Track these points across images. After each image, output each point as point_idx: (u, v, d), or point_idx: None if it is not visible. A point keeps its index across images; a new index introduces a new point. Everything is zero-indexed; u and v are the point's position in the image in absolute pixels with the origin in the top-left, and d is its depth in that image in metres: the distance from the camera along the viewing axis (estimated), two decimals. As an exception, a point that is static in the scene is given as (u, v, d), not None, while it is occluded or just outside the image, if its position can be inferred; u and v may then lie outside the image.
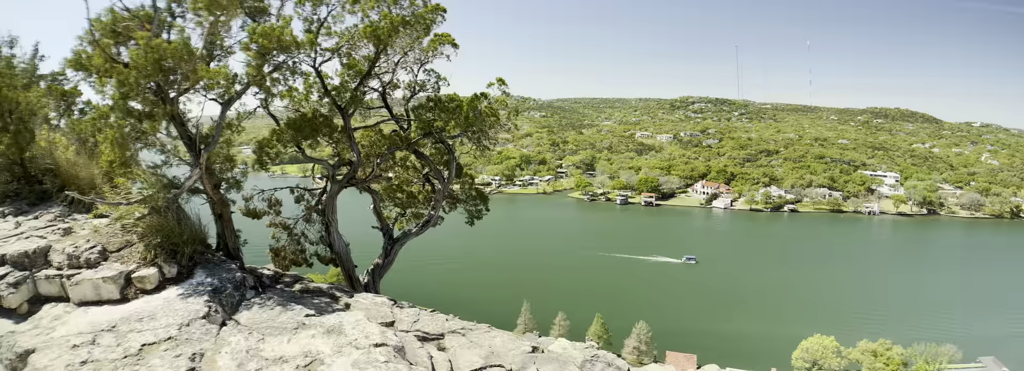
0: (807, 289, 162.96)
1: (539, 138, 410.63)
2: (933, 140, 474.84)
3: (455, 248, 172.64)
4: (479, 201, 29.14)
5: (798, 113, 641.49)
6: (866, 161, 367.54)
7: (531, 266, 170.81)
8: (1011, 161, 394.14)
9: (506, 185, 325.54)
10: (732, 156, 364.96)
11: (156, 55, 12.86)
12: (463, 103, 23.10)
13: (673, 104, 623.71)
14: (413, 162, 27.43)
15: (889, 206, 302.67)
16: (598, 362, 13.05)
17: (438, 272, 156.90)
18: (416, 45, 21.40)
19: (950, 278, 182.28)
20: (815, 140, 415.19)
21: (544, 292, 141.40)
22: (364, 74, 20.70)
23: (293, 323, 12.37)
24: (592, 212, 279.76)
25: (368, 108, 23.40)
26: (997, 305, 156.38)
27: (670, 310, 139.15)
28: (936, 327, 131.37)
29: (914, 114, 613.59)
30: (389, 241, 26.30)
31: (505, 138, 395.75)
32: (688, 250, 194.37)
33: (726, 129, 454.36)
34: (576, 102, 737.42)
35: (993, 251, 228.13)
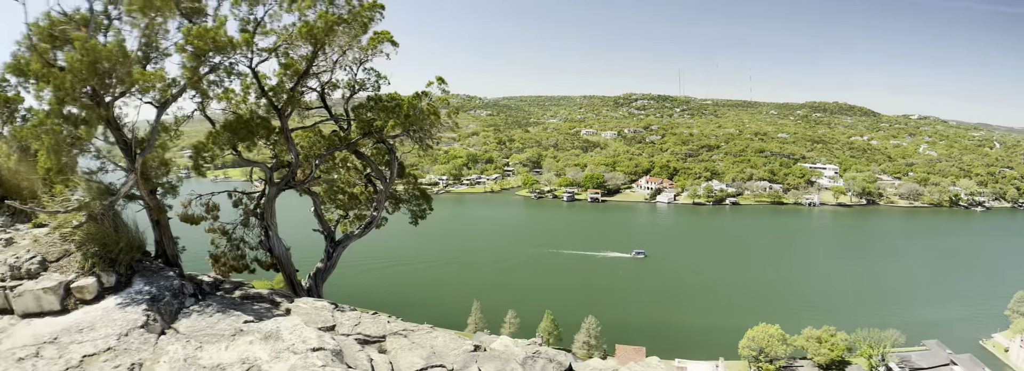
0: (752, 280, 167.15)
1: (485, 137, 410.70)
2: (871, 133, 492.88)
3: (404, 249, 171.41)
4: (422, 201, 28.86)
5: (738, 108, 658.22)
6: (805, 154, 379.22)
7: (481, 265, 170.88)
8: (949, 152, 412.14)
9: (453, 184, 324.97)
10: (675, 152, 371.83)
11: (91, 58, 12.61)
12: (403, 102, 22.94)
13: (617, 101, 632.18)
14: (354, 163, 27.09)
15: (829, 197, 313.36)
16: (540, 358, 13.27)
17: (388, 274, 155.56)
18: (355, 44, 21.21)
19: (891, 265, 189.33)
20: (755, 135, 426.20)
21: (494, 291, 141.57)
22: (301, 74, 20.46)
23: (231, 330, 12.33)
24: (539, 210, 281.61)
25: (307, 108, 23.12)
26: (939, 290, 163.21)
27: (620, 304, 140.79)
28: (879, 313, 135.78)
29: (852, 108, 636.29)
30: (331, 244, 25.91)
31: (451, 137, 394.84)
32: (637, 244, 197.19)
33: (668, 125, 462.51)
34: (522, 100, 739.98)
35: (932, 239, 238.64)
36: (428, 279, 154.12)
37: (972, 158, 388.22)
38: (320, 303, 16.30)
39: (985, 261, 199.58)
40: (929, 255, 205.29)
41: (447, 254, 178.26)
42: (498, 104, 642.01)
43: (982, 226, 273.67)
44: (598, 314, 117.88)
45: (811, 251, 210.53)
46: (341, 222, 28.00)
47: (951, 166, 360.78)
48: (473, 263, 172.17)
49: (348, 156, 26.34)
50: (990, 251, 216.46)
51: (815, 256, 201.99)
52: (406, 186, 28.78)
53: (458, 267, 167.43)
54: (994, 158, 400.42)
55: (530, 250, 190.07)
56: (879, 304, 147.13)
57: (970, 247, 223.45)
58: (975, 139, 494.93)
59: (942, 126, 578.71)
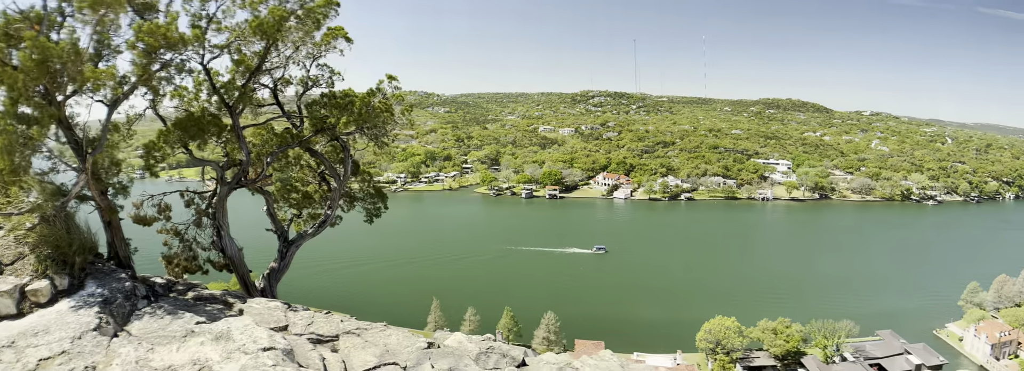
0: (708, 273, 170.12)
1: (444, 134, 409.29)
2: (824, 129, 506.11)
3: (363, 249, 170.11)
4: (378, 198, 28.64)
5: (693, 105, 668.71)
6: (759, 150, 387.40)
7: (441, 264, 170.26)
8: (901, 147, 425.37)
9: (411, 182, 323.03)
10: (631, 148, 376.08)
11: (42, 56, 12.42)
12: (356, 99, 22.86)
13: (574, 98, 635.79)
14: (307, 160, 26.77)
15: (782, 192, 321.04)
16: (493, 353, 13.47)
17: (347, 274, 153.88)
18: (308, 39, 21.09)
19: (844, 258, 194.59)
20: (710, 131, 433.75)
21: (455, 289, 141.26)
22: (253, 70, 20.27)
23: (182, 331, 12.33)
24: (499, 207, 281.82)
25: (259, 105, 22.86)
26: (892, 282, 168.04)
27: (580, 299, 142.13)
28: (833, 305, 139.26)
29: (805, 104, 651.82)
30: (284, 244, 25.63)
31: (409, 134, 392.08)
32: (597, 240, 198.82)
33: (625, 122, 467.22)
34: (480, 97, 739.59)
35: (885, 232, 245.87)
36: (388, 278, 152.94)
37: (924, 153, 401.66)
38: (273, 303, 16.25)
39: (937, 253, 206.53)
40: (882, 248, 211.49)
41: (406, 253, 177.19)
42: (456, 101, 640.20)
43: (934, 219, 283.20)
44: (558, 310, 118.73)
45: (765, 245, 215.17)
46: (294, 221, 27.63)
47: (903, 161, 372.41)
48: (433, 262, 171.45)
49: (301, 154, 26.05)
50: (942, 244, 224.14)
51: (769, 250, 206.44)
52: (361, 184, 28.50)
53: (418, 266, 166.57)
54: (946, 153, 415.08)
55: (491, 247, 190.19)
56: (833, 296, 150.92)
57: (922, 240, 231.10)
58: (927, 135, 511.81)
59: (894, 122, 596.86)
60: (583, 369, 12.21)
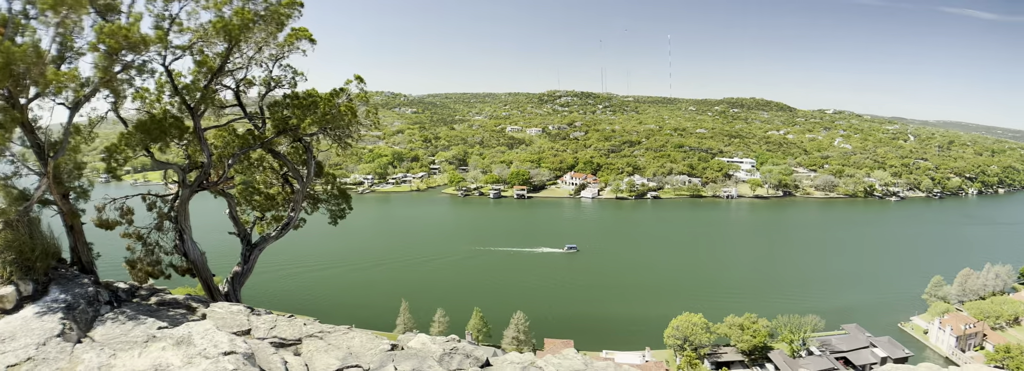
0: (676, 271, 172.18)
1: (411, 134, 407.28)
2: (788, 127, 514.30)
3: (333, 252, 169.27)
4: (342, 200, 28.39)
5: (659, 105, 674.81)
6: (723, 149, 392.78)
7: (411, 265, 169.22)
8: (864, 145, 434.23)
9: (379, 184, 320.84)
10: (598, 147, 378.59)
11: (6, 59, 12.30)
12: (320, 100, 22.75)
13: (541, 98, 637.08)
14: (270, 162, 26.49)
15: (746, 190, 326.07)
16: (457, 354, 13.61)
17: (316, 278, 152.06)
18: (271, 40, 20.98)
19: (809, 254, 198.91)
20: (675, 130, 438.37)
21: (424, 291, 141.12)
22: (215, 71, 20.13)
23: (144, 336, 12.33)
24: (467, 207, 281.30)
25: (221, 107, 22.65)
26: (856, 277, 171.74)
27: (550, 298, 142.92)
28: (799, 300, 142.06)
29: (769, 103, 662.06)
30: (247, 247, 25.34)
31: (376, 135, 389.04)
32: (568, 240, 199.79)
33: (591, 122, 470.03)
34: (447, 97, 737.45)
35: (849, 228, 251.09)
36: (357, 281, 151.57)
37: (887, 150, 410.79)
38: (235, 307, 16.22)
39: (901, 248, 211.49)
40: (846, 244, 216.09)
41: (375, 256, 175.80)
42: (423, 101, 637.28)
43: (897, 215, 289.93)
44: (529, 309, 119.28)
45: (731, 242, 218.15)
46: (258, 224, 27.31)
47: (866, 158, 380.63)
48: (403, 264, 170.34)
49: (264, 155, 25.80)
50: (906, 239, 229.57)
51: (735, 247, 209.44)
52: (324, 185, 28.28)
53: (387, 268, 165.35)
54: (908, 150, 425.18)
55: (462, 248, 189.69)
56: (799, 291, 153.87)
57: (886, 235, 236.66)
58: (890, 132, 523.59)
59: (857, 120, 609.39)
60: (547, 368, 12.45)
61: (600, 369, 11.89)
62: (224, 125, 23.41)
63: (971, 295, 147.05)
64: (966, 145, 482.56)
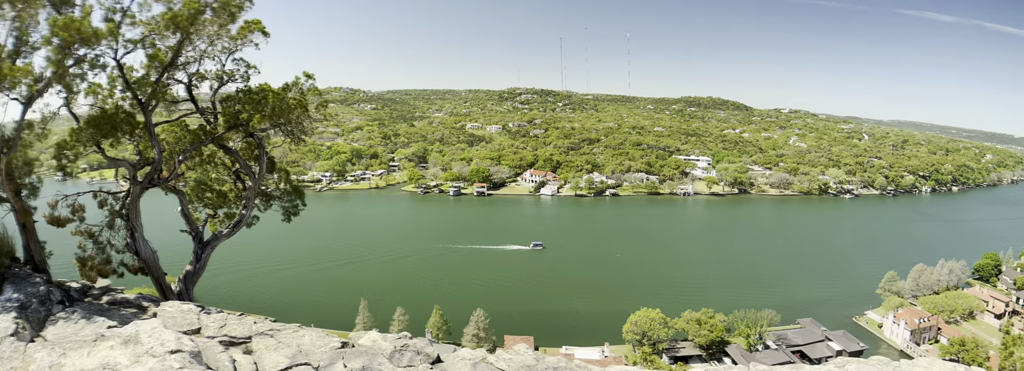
0: (635, 267, 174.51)
1: (370, 131, 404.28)
2: (744, 126, 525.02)
3: (293, 252, 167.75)
4: (295, 196, 27.82)
5: (618, 103, 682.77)
6: (680, 147, 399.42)
7: (372, 264, 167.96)
8: (819, 143, 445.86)
9: (337, 181, 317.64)
10: (558, 145, 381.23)
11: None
12: (270, 94, 22.39)
13: (501, 95, 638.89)
14: (222, 158, 25.97)
15: (703, 187, 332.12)
16: (407, 351, 13.55)
17: (278, 278, 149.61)
18: (224, 33, 20.63)
19: (765, 250, 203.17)
20: (633, 128, 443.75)
21: (387, 289, 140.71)
22: (167, 64, 19.70)
23: (93, 335, 12.26)
24: (427, 205, 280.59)
25: (173, 102, 22.26)
26: (811, 272, 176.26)
27: (513, 296, 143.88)
28: (755, 295, 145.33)
29: (726, 102, 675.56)
30: (199, 245, 24.75)
31: (334, 132, 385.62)
32: (531, 236, 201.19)
33: (551, 119, 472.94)
34: (407, 94, 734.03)
35: (804, 224, 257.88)
36: (318, 281, 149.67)
37: (841, 149, 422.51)
38: (186, 306, 16.00)
39: (855, 245, 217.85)
40: (800, 240, 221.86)
41: (337, 255, 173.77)
42: (382, 98, 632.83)
43: (851, 212, 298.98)
44: (491, 306, 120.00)
45: (688, 238, 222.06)
46: (210, 222, 26.75)
47: (820, 156, 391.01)
48: (364, 262, 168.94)
49: (216, 151, 25.32)
50: (860, 235, 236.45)
51: (692, 243, 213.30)
52: (277, 182, 27.78)
53: (348, 267, 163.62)
54: (863, 149, 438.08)
55: (426, 246, 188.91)
56: (755, 286, 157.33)
57: (840, 232, 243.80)
58: (845, 131, 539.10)
59: (812, 119, 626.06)
60: (498, 363, 12.47)
61: (552, 364, 11.94)
62: (175, 120, 22.96)
63: (925, 290, 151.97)
64: (920, 144, 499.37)
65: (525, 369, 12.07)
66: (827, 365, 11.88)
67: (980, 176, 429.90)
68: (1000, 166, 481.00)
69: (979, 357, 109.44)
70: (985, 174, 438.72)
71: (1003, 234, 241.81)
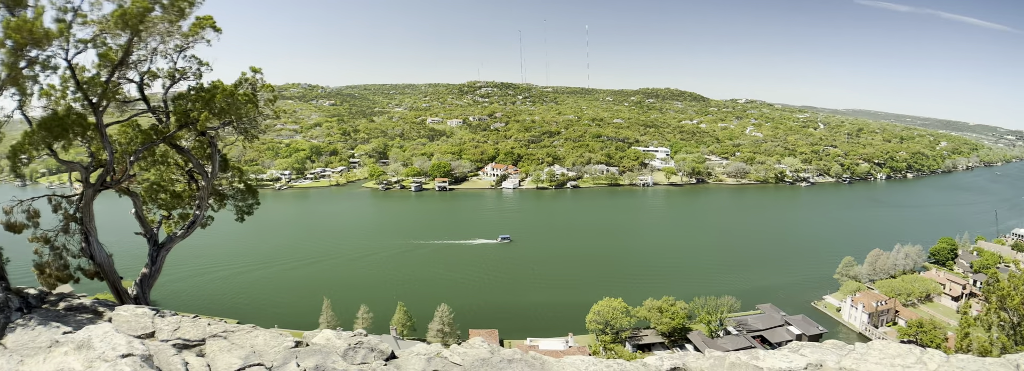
0: (596, 257, 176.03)
1: (329, 127, 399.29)
2: (701, 116, 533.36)
3: (255, 252, 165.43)
4: (248, 195, 27.54)
5: (577, 95, 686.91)
6: (639, 138, 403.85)
7: (336, 262, 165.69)
8: (774, 133, 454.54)
9: (297, 179, 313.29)
10: (518, 138, 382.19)
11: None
12: (218, 90, 22.17)
13: (461, 89, 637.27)
14: (175, 158, 25.52)
15: (661, 178, 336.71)
16: (361, 348, 13.69)
17: (241, 279, 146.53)
18: (175, 30, 20.34)
19: (724, 238, 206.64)
20: (593, 120, 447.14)
21: (351, 287, 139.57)
22: (117, 63, 19.42)
23: (49, 342, 12.30)
24: (390, 201, 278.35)
25: (125, 101, 21.82)
26: (770, 259, 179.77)
27: (478, 289, 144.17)
28: (715, 282, 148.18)
29: (683, 93, 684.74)
30: (154, 247, 24.24)
31: (293, 129, 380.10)
32: (495, 231, 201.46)
33: (512, 112, 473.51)
34: (366, 89, 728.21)
35: (761, 212, 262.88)
36: (282, 281, 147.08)
37: (797, 138, 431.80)
38: (140, 310, 15.98)
39: (812, 231, 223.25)
40: (758, 227, 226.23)
41: (301, 255, 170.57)
42: (341, 93, 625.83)
43: (807, 200, 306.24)
44: (457, 301, 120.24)
45: (648, 228, 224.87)
46: (165, 223, 26.23)
47: (776, 146, 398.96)
48: (329, 261, 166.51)
49: (168, 151, 24.90)
50: (816, 222, 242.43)
51: (652, 233, 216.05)
52: (231, 181, 27.45)
53: (314, 267, 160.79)
54: (818, 138, 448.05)
55: (393, 243, 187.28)
56: (715, 274, 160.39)
57: (797, 219, 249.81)
58: (800, 121, 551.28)
59: (768, 109, 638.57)
60: (452, 357, 12.75)
61: (507, 357, 12.26)
62: (126, 120, 22.57)
63: (882, 274, 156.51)
64: (875, 132, 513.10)
65: (480, 362, 12.32)
66: (782, 350, 12.38)
67: (935, 163, 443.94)
68: (955, 153, 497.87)
69: (937, 338, 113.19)
70: (940, 161, 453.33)
71: (959, 219, 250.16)
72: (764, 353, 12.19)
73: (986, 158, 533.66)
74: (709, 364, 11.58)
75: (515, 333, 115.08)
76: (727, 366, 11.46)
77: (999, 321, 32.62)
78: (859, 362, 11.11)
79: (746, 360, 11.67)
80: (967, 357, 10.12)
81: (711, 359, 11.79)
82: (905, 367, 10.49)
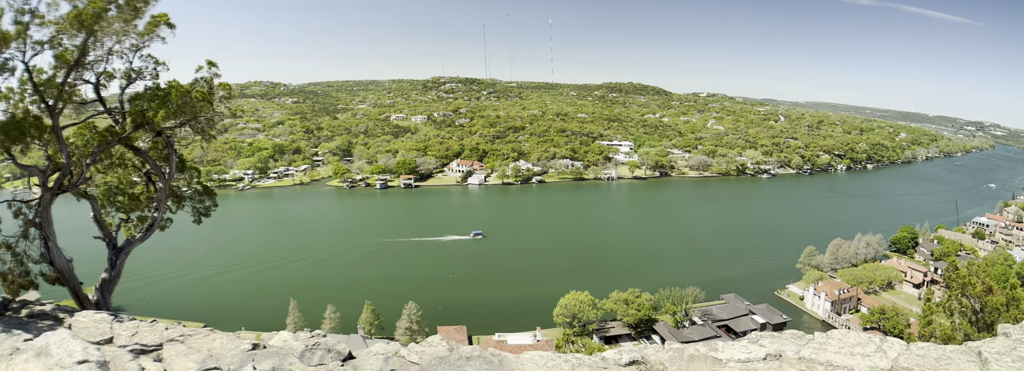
0: (563, 251, 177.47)
1: (292, 125, 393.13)
2: (664, 110, 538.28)
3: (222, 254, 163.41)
4: (206, 196, 27.35)
5: (541, 90, 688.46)
6: (603, 132, 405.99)
7: (306, 263, 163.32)
8: (736, 126, 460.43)
9: (260, 179, 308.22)
10: (483, 134, 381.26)
11: None
12: (172, 89, 21.96)
13: (425, 85, 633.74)
14: (132, 160, 25.25)
15: (626, 171, 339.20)
16: (318, 350, 13.75)
17: (210, 282, 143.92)
18: (130, 29, 20.17)
19: (687, 230, 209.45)
20: (557, 115, 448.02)
21: (320, 287, 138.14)
22: (73, 64, 19.23)
23: (10, 349, 12.26)
24: (355, 199, 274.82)
25: (82, 103, 21.47)
26: (732, 249, 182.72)
27: (447, 286, 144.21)
28: (680, 273, 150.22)
29: (646, 88, 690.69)
30: (114, 251, 24.00)
31: (255, 128, 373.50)
32: (462, 227, 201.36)
33: (476, 108, 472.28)
34: (329, 86, 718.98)
35: (724, 204, 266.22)
36: (251, 283, 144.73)
37: (758, 131, 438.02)
38: (99, 315, 15.92)
39: (774, 222, 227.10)
40: (721, 219, 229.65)
41: (269, 256, 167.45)
42: (304, 91, 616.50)
43: (769, 192, 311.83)
44: (426, 298, 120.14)
45: (613, 222, 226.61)
46: (124, 226, 25.95)
47: (738, 138, 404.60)
48: (300, 262, 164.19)
49: (126, 153, 24.65)
50: (778, 213, 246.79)
51: (617, 226, 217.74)
52: (188, 181, 27.24)
53: (283, 268, 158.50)
54: (779, 130, 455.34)
55: (363, 241, 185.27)
56: (680, 265, 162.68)
57: (759, 210, 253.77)
58: (761, 113, 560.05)
59: (730, 102, 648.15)
60: (409, 356, 12.86)
61: (465, 354, 12.48)
62: (82, 122, 22.23)
63: (843, 263, 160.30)
64: (835, 124, 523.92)
65: (438, 361, 12.44)
66: (741, 341, 12.67)
67: (895, 154, 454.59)
68: (915, 144, 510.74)
69: (900, 324, 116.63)
70: (899, 152, 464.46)
71: (919, 208, 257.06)
72: (723, 344, 12.42)
73: (945, 149, 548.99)
74: (668, 356, 11.90)
75: (484, 328, 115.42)
76: (686, 358, 11.75)
77: (961, 308, 33.64)
78: (818, 351, 11.26)
79: (705, 352, 11.93)
80: (927, 345, 10.35)
81: (671, 351, 12.11)
82: (865, 356, 10.61)
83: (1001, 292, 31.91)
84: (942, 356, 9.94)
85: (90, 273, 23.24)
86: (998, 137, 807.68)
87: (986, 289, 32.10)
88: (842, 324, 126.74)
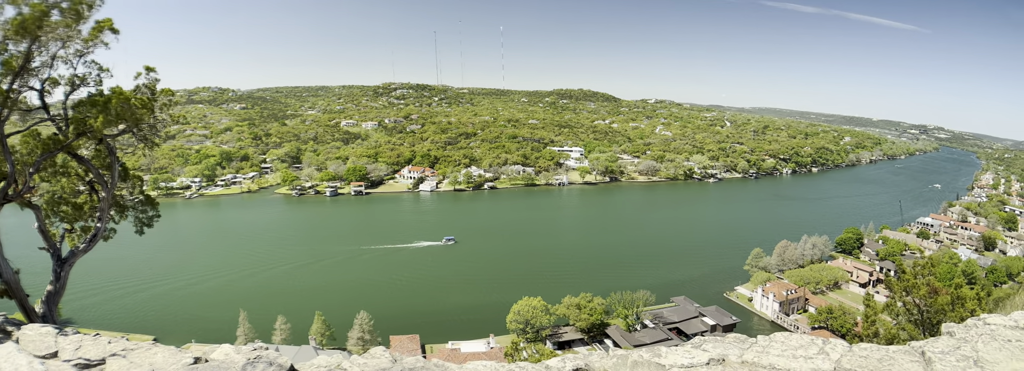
0: (515, 257, 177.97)
1: (240, 132, 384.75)
2: (613, 117, 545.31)
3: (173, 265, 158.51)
4: (148, 206, 26.88)
5: (493, 96, 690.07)
6: (554, 138, 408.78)
7: (253, 273, 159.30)
8: (683, 131, 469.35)
9: (207, 186, 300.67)
10: (435, 140, 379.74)
11: None
12: (112, 96, 21.60)
13: (376, 91, 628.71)
14: (75, 168, 24.71)
15: (576, 177, 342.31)
16: (259, 363, 13.61)
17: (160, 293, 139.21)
18: (75, 35, 19.78)
19: (637, 234, 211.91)
20: (508, 121, 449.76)
21: (268, 298, 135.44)
22: (17, 71, 18.81)
23: None
24: (304, 207, 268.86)
25: (27, 110, 20.98)
26: (681, 252, 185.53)
27: (399, 295, 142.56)
28: (630, 277, 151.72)
29: (596, 94, 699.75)
30: (58, 263, 23.19)
31: (203, 134, 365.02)
32: (419, 235, 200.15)
33: (428, 114, 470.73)
34: (278, 91, 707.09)
35: (672, 208, 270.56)
36: (203, 295, 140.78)
37: (705, 136, 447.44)
38: (45, 329, 15.58)
39: (721, 225, 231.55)
40: (670, 223, 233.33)
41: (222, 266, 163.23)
42: (252, 96, 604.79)
43: (716, 196, 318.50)
44: (380, 307, 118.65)
45: (565, 227, 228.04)
46: (68, 237, 25.15)
47: (685, 144, 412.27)
48: (243, 272, 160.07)
49: (69, 161, 24.13)
50: (726, 216, 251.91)
51: (569, 231, 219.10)
52: (131, 190, 26.79)
53: (228, 278, 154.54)
54: (725, 135, 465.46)
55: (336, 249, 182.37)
56: (630, 269, 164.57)
57: (706, 214, 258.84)
58: (708, 119, 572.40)
59: (677, 108, 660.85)
60: (352, 369, 12.91)
61: (408, 366, 12.54)
62: (25, 129, 21.68)
63: (791, 264, 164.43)
64: (780, 129, 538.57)
65: None
66: (685, 346, 12.84)
67: (839, 157, 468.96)
68: (859, 147, 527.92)
69: (847, 323, 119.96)
70: (844, 155, 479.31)
71: (863, 210, 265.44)
72: (667, 350, 12.57)
73: (889, 152, 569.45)
74: (612, 363, 12.11)
75: (437, 337, 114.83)
76: (630, 364, 11.94)
77: (905, 309, 34.03)
78: (761, 355, 11.45)
79: (648, 358, 12.11)
80: (870, 346, 10.41)
81: (615, 358, 12.34)
82: (808, 358, 10.66)
83: (946, 291, 32.60)
84: (885, 357, 10.21)
85: (38, 285, 22.58)
86: (942, 140, 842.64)
87: (931, 291, 32.61)
88: (791, 324, 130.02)
